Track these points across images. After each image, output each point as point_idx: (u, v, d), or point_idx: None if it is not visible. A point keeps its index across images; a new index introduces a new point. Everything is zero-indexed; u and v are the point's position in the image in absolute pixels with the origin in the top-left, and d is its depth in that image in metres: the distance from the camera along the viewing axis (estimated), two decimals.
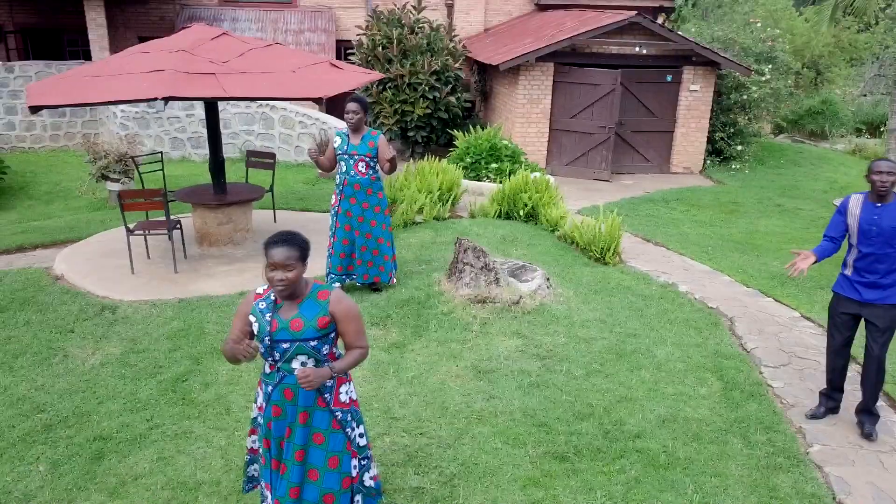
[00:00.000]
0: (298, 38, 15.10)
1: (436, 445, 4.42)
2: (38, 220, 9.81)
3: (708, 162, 13.72)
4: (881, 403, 5.10)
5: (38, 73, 13.68)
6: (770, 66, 13.64)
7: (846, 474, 4.29)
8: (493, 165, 10.83)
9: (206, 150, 9.43)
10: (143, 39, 12.54)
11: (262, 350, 3.12)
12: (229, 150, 12.89)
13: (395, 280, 6.60)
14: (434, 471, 4.19)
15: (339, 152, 6.16)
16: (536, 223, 8.97)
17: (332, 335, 3.17)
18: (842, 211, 4.62)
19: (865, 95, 21.52)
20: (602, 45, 12.49)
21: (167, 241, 7.58)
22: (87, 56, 14.68)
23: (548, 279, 6.47)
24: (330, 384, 3.22)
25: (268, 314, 3.10)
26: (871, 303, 4.55)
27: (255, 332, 3.14)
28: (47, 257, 7.68)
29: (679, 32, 13.06)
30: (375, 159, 6.18)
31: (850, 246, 4.63)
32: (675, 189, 11.90)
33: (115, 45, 13.92)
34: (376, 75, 7.70)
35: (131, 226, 7.22)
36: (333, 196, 6.34)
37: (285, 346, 3.08)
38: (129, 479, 4.17)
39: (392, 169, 6.07)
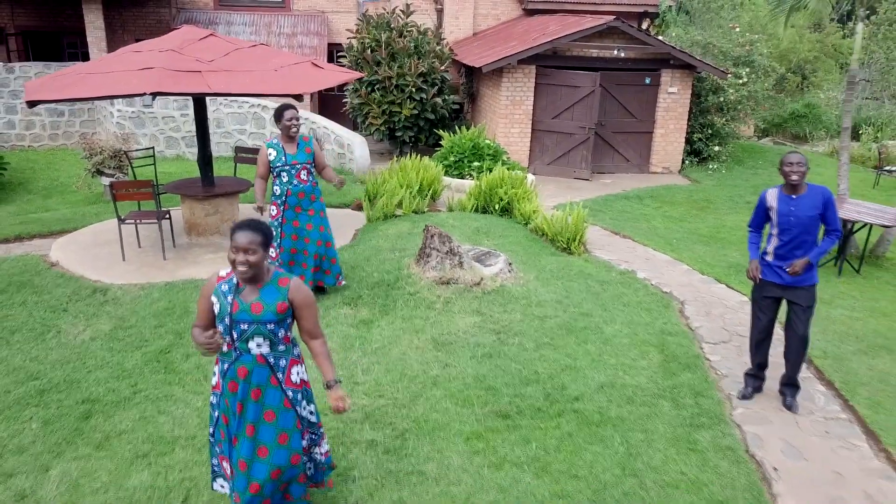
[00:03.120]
0: (291, 42, 15.57)
1: (392, 406, 4.86)
2: (36, 212, 10.25)
3: (686, 162, 14.15)
4: (808, 375, 5.53)
5: (37, 73, 14.14)
6: (748, 69, 14.09)
7: (762, 432, 4.72)
8: (476, 164, 11.27)
9: None
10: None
11: (222, 330, 3.26)
12: (223, 149, 13.35)
13: (343, 282, 6.63)
14: (388, 427, 4.62)
15: (278, 164, 6.10)
16: (511, 217, 9.40)
17: (289, 321, 3.35)
18: (761, 203, 4.98)
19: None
20: (583, 48, 12.94)
21: (157, 231, 8.03)
22: (85, 58, 15.14)
23: (510, 264, 6.90)
24: (283, 364, 3.37)
25: (229, 296, 3.25)
26: (792, 286, 4.91)
27: (217, 312, 3.28)
28: (44, 246, 8.12)
29: (659, 37, 13.51)
30: (313, 164, 6.27)
31: (771, 235, 4.98)
32: (652, 187, 12.32)
33: (113, 48, 14.33)
34: (355, 74, 8.13)
35: (123, 216, 7.67)
36: (274, 207, 6.29)
37: (244, 326, 3.24)
38: (113, 435, 4.60)
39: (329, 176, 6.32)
